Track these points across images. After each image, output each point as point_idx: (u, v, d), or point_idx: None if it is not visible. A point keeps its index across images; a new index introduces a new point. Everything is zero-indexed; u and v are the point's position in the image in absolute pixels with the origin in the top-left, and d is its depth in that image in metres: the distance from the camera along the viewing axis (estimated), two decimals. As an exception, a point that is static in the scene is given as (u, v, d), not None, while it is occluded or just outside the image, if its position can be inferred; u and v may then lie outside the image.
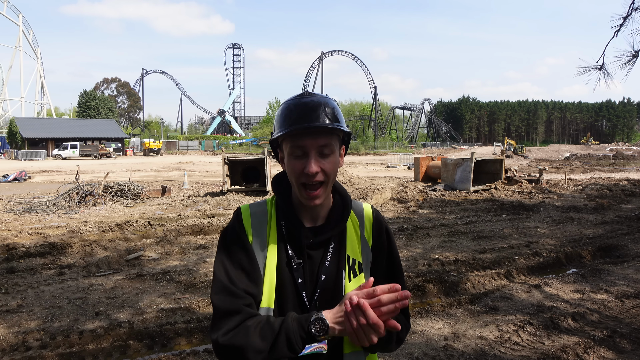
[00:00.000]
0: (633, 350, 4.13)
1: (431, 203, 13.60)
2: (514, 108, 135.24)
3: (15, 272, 6.55)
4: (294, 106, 1.29)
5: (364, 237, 1.42)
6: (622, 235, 8.93)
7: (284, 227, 1.37)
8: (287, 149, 1.30)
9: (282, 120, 1.30)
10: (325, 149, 1.28)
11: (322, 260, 1.35)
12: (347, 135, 1.35)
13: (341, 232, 1.39)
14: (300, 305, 1.31)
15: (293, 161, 1.29)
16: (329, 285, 1.34)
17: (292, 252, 1.34)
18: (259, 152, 39.47)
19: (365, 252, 1.41)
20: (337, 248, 1.37)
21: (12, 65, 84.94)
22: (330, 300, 1.32)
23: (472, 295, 5.55)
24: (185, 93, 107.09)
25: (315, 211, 1.37)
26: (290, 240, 1.35)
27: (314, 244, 1.35)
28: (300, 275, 1.32)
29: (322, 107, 1.27)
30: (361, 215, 1.46)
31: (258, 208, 1.41)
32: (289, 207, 1.37)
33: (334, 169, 1.30)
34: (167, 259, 7.38)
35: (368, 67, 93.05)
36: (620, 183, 18.99)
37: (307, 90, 1.41)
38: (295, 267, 1.33)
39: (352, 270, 1.37)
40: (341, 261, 1.37)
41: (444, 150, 71.41)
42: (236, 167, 16.07)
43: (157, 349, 4.30)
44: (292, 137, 1.28)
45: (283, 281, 1.32)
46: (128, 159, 52.54)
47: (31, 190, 18.10)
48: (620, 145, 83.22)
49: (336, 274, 1.35)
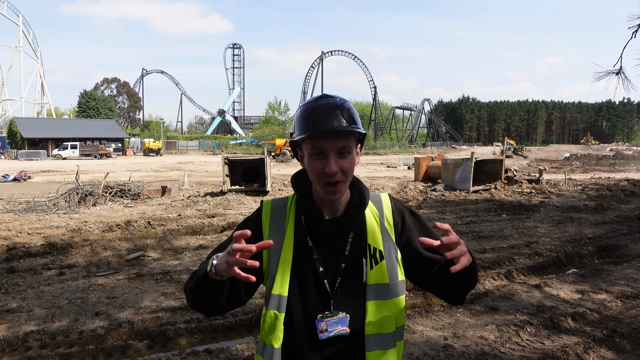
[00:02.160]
0: (633, 350, 4.13)
1: (431, 203, 13.60)
2: (514, 108, 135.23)
3: (15, 272, 6.55)
4: (312, 109, 1.35)
5: (384, 226, 1.47)
6: (622, 235, 8.93)
7: (304, 221, 1.44)
8: (307, 150, 1.37)
9: (301, 123, 1.37)
10: (344, 149, 1.35)
11: (342, 250, 1.42)
12: (362, 134, 1.42)
13: (360, 223, 1.46)
14: (321, 293, 1.39)
15: (313, 162, 1.36)
16: (349, 273, 1.41)
17: (312, 244, 1.42)
18: (259, 152, 39.47)
19: (386, 240, 1.45)
20: (356, 238, 1.43)
21: (12, 65, 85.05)
22: (351, 286, 1.41)
23: (472, 295, 5.54)
24: (185, 93, 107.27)
25: (334, 205, 1.44)
26: (311, 232, 1.43)
27: (334, 235, 1.42)
28: (321, 265, 1.40)
29: (339, 109, 1.34)
30: (380, 205, 1.51)
31: (279, 203, 1.51)
32: (310, 203, 1.44)
33: (351, 167, 1.37)
34: (167, 258, 7.38)
35: (368, 67, 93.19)
36: (620, 183, 18.99)
37: (324, 93, 1.44)
38: (316, 257, 1.40)
39: (374, 258, 1.43)
40: (361, 250, 1.43)
41: (444, 150, 71.40)
42: (236, 167, 16.06)
43: (157, 348, 4.30)
44: (312, 139, 1.34)
45: (303, 271, 1.40)
46: (128, 159, 52.53)
47: (31, 190, 18.10)
48: (620, 145, 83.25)
49: (356, 262, 1.42)
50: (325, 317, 1.38)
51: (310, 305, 1.39)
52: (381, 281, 1.42)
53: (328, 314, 1.38)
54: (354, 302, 1.41)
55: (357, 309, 1.41)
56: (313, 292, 1.40)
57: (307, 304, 1.39)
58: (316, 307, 1.39)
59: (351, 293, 1.41)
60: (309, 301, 1.39)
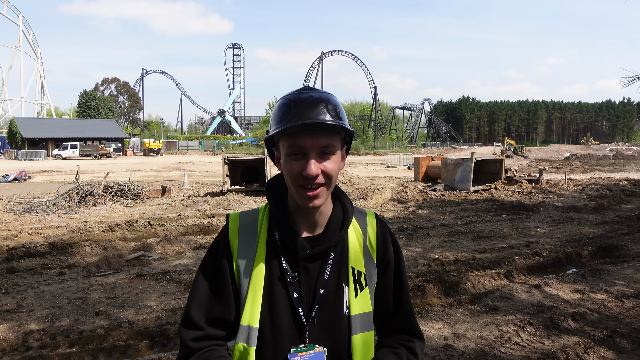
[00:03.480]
0: (633, 350, 4.14)
1: (431, 203, 13.60)
2: (514, 108, 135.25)
3: (15, 272, 6.55)
4: (293, 102, 1.16)
5: (367, 247, 1.31)
6: (622, 235, 8.93)
7: (277, 238, 1.25)
8: (285, 149, 1.17)
9: (279, 117, 1.17)
10: (327, 149, 1.16)
11: (321, 273, 1.24)
12: (349, 135, 1.23)
13: (342, 242, 1.28)
14: (296, 323, 1.21)
15: (291, 162, 1.16)
16: (328, 300, 1.23)
17: (287, 265, 1.23)
18: (259, 152, 39.47)
19: (368, 264, 1.30)
20: (338, 259, 1.26)
21: (12, 65, 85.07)
22: (330, 316, 1.23)
23: (472, 295, 5.55)
24: (185, 93, 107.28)
25: (313, 219, 1.25)
26: (285, 251, 1.24)
27: (311, 255, 1.23)
28: (295, 290, 1.22)
29: (324, 103, 1.15)
30: (364, 223, 1.34)
31: (248, 218, 1.30)
32: (283, 215, 1.24)
33: (335, 170, 1.18)
34: (167, 258, 7.38)
35: (368, 67, 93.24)
36: (620, 183, 18.98)
37: (307, 85, 1.27)
38: (290, 282, 1.22)
39: (358, 283, 1.26)
40: (342, 274, 1.26)
41: (444, 150, 71.40)
42: (236, 167, 16.07)
43: (157, 348, 4.30)
44: (290, 135, 1.15)
45: (275, 297, 1.22)
46: (128, 159, 52.53)
47: (31, 190, 18.10)
48: (620, 145, 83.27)
49: (336, 288, 1.24)
50: (300, 351, 1.19)
51: (283, 337, 1.21)
52: (366, 310, 1.26)
53: (303, 347, 1.20)
54: (333, 335, 1.23)
55: (338, 343, 1.23)
56: (286, 322, 1.21)
57: (280, 335, 1.21)
58: (290, 339, 1.21)
59: (330, 324, 1.22)
60: (282, 333, 1.21)
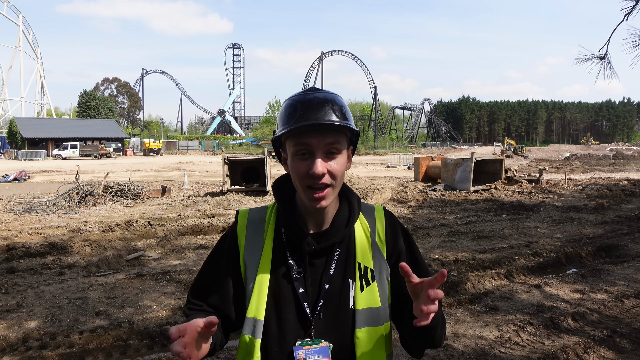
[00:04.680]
0: (633, 350, 4.13)
1: (431, 203, 13.60)
2: (514, 108, 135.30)
3: (15, 272, 6.55)
4: (299, 102, 1.19)
5: (375, 242, 1.32)
6: (622, 235, 8.93)
7: (284, 235, 1.29)
8: (291, 149, 1.20)
9: (285, 118, 1.20)
10: (333, 149, 1.18)
11: (326, 268, 1.26)
12: (355, 135, 1.26)
13: (349, 238, 1.30)
14: (301, 317, 1.24)
15: (297, 162, 1.19)
16: (333, 295, 1.25)
17: (293, 261, 1.26)
18: (259, 152, 39.45)
19: (377, 259, 1.30)
20: (343, 255, 1.28)
21: (12, 65, 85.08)
22: (335, 311, 1.25)
23: (472, 295, 5.55)
24: (185, 93, 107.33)
25: (320, 216, 1.27)
26: (291, 247, 1.27)
27: (317, 251, 1.26)
28: (301, 285, 1.25)
29: (330, 103, 1.18)
30: (372, 217, 1.35)
31: (257, 215, 1.35)
32: (290, 213, 1.28)
33: (341, 170, 1.21)
34: (167, 258, 7.38)
35: (368, 67, 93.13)
36: (620, 183, 18.99)
37: (313, 86, 1.29)
38: (296, 277, 1.25)
39: (365, 278, 1.27)
40: (349, 269, 1.27)
41: (444, 150, 71.40)
42: (236, 167, 16.06)
43: (157, 348, 4.30)
44: (297, 136, 1.18)
45: (281, 292, 1.25)
46: (128, 159, 52.53)
47: (31, 190, 18.10)
48: (620, 145, 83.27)
49: (342, 283, 1.26)
50: (305, 344, 1.22)
51: (289, 330, 1.24)
52: (373, 305, 1.26)
53: (308, 341, 1.23)
54: (338, 329, 1.25)
55: (343, 338, 1.25)
56: (292, 317, 1.24)
57: (285, 329, 1.24)
58: (295, 332, 1.24)
59: (336, 319, 1.25)
60: (287, 326, 1.24)
